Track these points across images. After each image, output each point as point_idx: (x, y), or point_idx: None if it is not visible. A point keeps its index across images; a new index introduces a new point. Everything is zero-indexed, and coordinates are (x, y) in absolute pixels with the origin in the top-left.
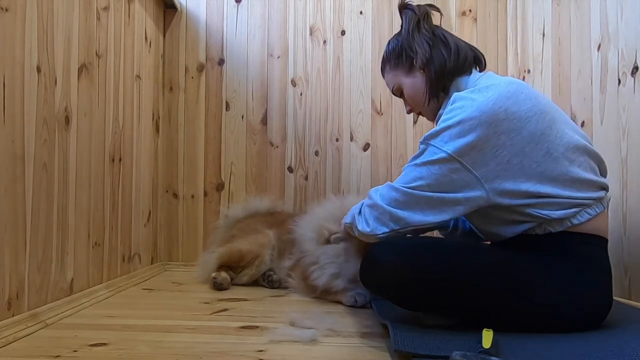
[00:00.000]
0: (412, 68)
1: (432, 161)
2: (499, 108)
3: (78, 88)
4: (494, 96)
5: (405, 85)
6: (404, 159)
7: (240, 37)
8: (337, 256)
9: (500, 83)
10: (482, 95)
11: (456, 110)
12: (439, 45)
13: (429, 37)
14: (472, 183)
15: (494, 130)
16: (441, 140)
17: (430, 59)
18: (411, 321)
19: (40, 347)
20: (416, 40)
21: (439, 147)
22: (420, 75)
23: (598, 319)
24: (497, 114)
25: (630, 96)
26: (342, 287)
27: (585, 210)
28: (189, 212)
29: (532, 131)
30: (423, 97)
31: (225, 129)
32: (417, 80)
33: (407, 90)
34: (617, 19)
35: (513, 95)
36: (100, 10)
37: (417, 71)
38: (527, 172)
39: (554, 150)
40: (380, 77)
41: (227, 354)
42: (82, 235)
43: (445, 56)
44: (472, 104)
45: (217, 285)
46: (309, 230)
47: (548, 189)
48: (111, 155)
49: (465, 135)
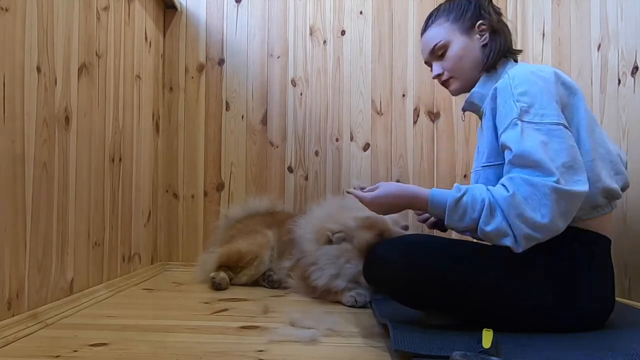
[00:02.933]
0: (472, 29)
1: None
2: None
3: (78, 88)
4: (550, 70)
5: (456, 44)
6: (404, 159)
7: (240, 37)
8: (338, 257)
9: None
10: (533, 67)
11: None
12: (506, 24)
13: (498, 10)
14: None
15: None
16: (536, 115)
17: (498, 31)
18: (411, 321)
19: (40, 347)
20: (488, 7)
21: (540, 121)
22: (477, 41)
23: (599, 320)
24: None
25: (630, 96)
26: (342, 287)
27: (596, 210)
28: (189, 212)
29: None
30: (470, 63)
31: (225, 129)
32: (472, 44)
33: (456, 49)
34: (617, 19)
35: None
36: (100, 10)
37: (475, 35)
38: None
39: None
40: (380, 77)
41: (227, 354)
42: (82, 235)
43: (509, 36)
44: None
45: (216, 285)
46: (309, 231)
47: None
48: (111, 155)
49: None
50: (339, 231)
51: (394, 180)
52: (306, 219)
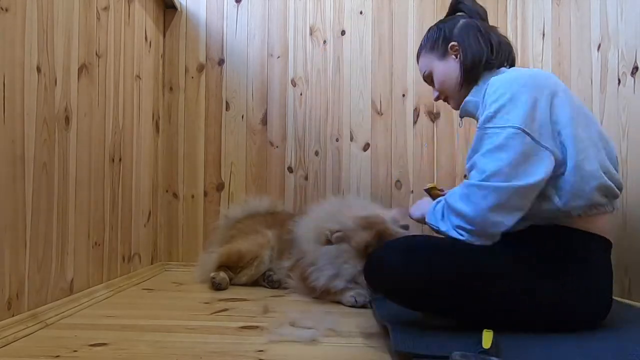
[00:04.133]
0: (447, 53)
1: (503, 140)
2: (545, 78)
3: (78, 88)
4: (532, 73)
5: (437, 70)
6: (404, 159)
7: (240, 37)
8: (336, 257)
9: (531, 69)
10: (519, 72)
11: (498, 88)
12: (479, 37)
13: (471, 27)
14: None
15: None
16: (500, 119)
17: (467, 46)
18: (411, 321)
19: (40, 347)
20: (458, 26)
21: (503, 126)
22: (453, 62)
23: (597, 319)
24: (548, 79)
25: (630, 96)
26: (341, 287)
27: (596, 207)
28: (189, 212)
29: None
30: (454, 82)
31: (225, 129)
32: (450, 65)
33: (438, 75)
34: (617, 19)
35: (549, 76)
36: (100, 10)
37: (451, 56)
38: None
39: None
40: (380, 77)
41: (227, 354)
42: (82, 235)
43: (482, 47)
44: (516, 80)
45: (216, 285)
46: (308, 231)
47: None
48: (111, 155)
49: (522, 107)
50: (337, 231)
51: (394, 181)
52: (305, 219)
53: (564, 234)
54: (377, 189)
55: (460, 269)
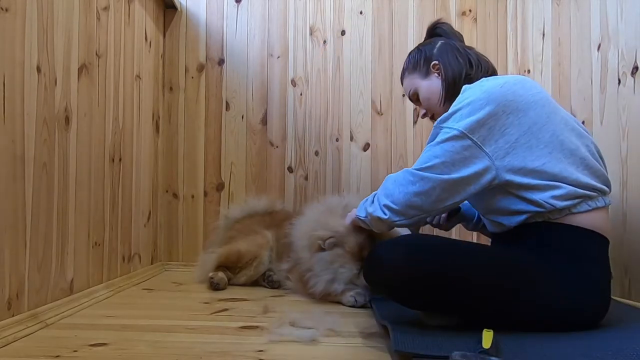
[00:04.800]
0: (429, 72)
1: (445, 139)
2: (507, 90)
3: (78, 88)
4: (501, 82)
5: (421, 88)
6: (404, 159)
7: (240, 37)
8: (331, 262)
9: (506, 76)
10: (490, 82)
11: (465, 94)
12: (457, 54)
13: (449, 47)
14: (482, 159)
15: (503, 109)
16: (453, 121)
17: (447, 63)
18: (411, 321)
19: (40, 347)
20: (437, 47)
21: (451, 127)
22: (435, 79)
23: (596, 317)
24: (505, 95)
25: (630, 96)
26: (340, 290)
27: (586, 202)
28: (189, 212)
29: (539, 113)
30: (438, 99)
31: (225, 129)
32: (433, 83)
33: (423, 93)
34: (617, 19)
35: (519, 82)
36: (100, 10)
37: (433, 75)
38: (536, 151)
39: (559, 133)
40: (380, 77)
41: (227, 354)
42: (82, 235)
43: (461, 63)
44: (481, 88)
45: (214, 285)
46: (300, 239)
47: (556, 168)
48: (111, 155)
49: (475, 113)
50: (329, 237)
51: None
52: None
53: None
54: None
55: (458, 266)
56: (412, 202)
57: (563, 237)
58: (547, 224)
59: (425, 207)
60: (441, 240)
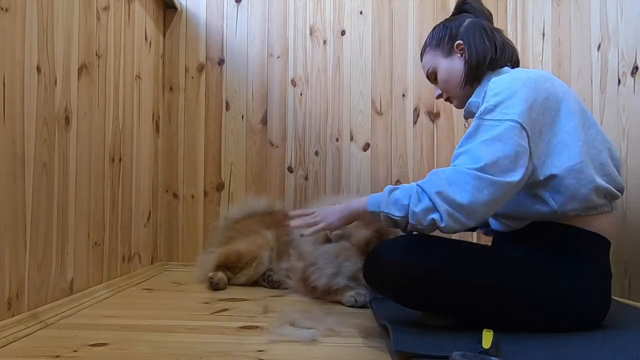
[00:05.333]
0: (452, 51)
1: (502, 132)
2: (541, 86)
3: (78, 88)
4: (534, 75)
5: (441, 68)
6: (404, 159)
7: (240, 37)
8: (337, 256)
9: (532, 70)
10: (521, 74)
11: (500, 86)
12: (484, 36)
13: (477, 26)
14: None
15: (541, 104)
16: (500, 113)
17: (472, 45)
18: (411, 321)
19: (40, 347)
20: (464, 25)
21: (502, 119)
22: (458, 60)
23: (596, 318)
24: (542, 91)
25: (630, 96)
26: (342, 285)
27: (595, 208)
28: (189, 212)
29: (571, 113)
30: (458, 81)
31: (225, 129)
32: (454, 63)
33: (442, 73)
34: (617, 19)
35: (550, 79)
36: (100, 10)
37: (456, 55)
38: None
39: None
40: (380, 77)
41: (227, 354)
42: (82, 235)
43: (488, 47)
44: (517, 81)
45: (214, 285)
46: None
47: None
48: (111, 155)
49: (523, 104)
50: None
51: (394, 181)
52: None
53: (562, 233)
54: (377, 189)
55: (459, 266)
56: (481, 212)
57: (566, 238)
58: (554, 224)
59: (487, 216)
60: (441, 241)
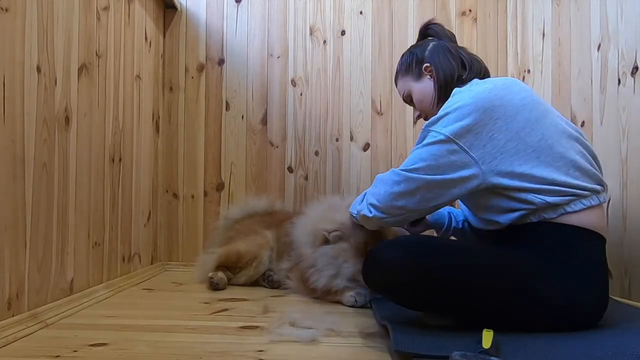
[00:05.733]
0: (421, 74)
1: (432, 143)
2: (495, 96)
3: (78, 88)
4: (489, 87)
5: (415, 90)
6: (404, 159)
7: (240, 37)
8: (335, 257)
9: (495, 79)
10: (479, 86)
11: (454, 99)
12: (448, 56)
13: (440, 48)
14: (468, 164)
15: (490, 115)
16: (440, 125)
17: (439, 66)
18: (411, 321)
19: (40, 347)
20: (429, 49)
21: (438, 131)
22: (428, 81)
23: (595, 316)
24: (492, 101)
25: (630, 96)
26: (342, 286)
27: (580, 200)
28: (189, 212)
29: (527, 118)
30: (430, 100)
31: (225, 129)
32: (425, 85)
33: (416, 95)
34: (617, 19)
35: (508, 87)
36: (100, 10)
37: (425, 77)
38: (523, 155)
39: (548, 137)
40: (380, 77)
41: (227, 354)
42: (82, 235)
43: (453, 65)
44: (469, 93)
45: (214, 285)
46: (303, 235)
47: (545, 172)
48: (111, 155)
49: (463, 119)
50: (334, 230)
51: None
52: (301, 221)
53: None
54: None
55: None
56: (397, 201)
57: (560, 236)
58: (544, 223)
59: (410, 206)
60: (440, 241)
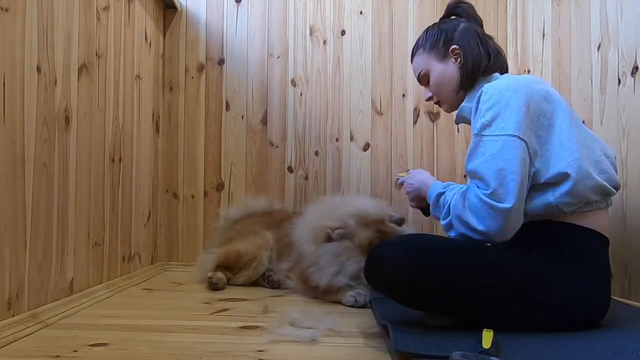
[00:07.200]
0: (447, 55)
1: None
2: (533, 91)
3: (78, 88)
4: (524, 81)
5: (435, 71)
6: (404, 159)
7: (240, 37)
8: (339, 255)
9: (520, 76)
10: (512, 80)
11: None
12: (479, 43)
13: (472, 31)
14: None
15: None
16: (497, 128)
17: (468, 51)
18: (411, 321)
19: (40, 347)
20: (459, 30)
21: (499, 134)
22: (452, 65)
23: (596, 317)
24: (533, 96)
25: (630, 96)
26: (343, 283)
27: (590, 203)
28: (189, 212)
29: (564, 116)
30: (452, 86)
31: (225, 129)
32: (448, 68)
33: (435, 76)
34: (617, 19)
35: (540, 82)
36: (100, 10)
37: (450, 59)
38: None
39: (584, 136)
40: (380, 77)
41: (227, 354)
42: (82, 235)
43: (482, 53)
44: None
45: (213, 285)
46: (305, 233)
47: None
48: (111, 155)
49: (518, 114)
50: (338, 227)
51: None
52: (302, 221)
53: (559, 231)
54: (377, 189)
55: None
56: (501, 235)
57: (565, 236)
58: (550, 222)
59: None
60: (442, 240)
